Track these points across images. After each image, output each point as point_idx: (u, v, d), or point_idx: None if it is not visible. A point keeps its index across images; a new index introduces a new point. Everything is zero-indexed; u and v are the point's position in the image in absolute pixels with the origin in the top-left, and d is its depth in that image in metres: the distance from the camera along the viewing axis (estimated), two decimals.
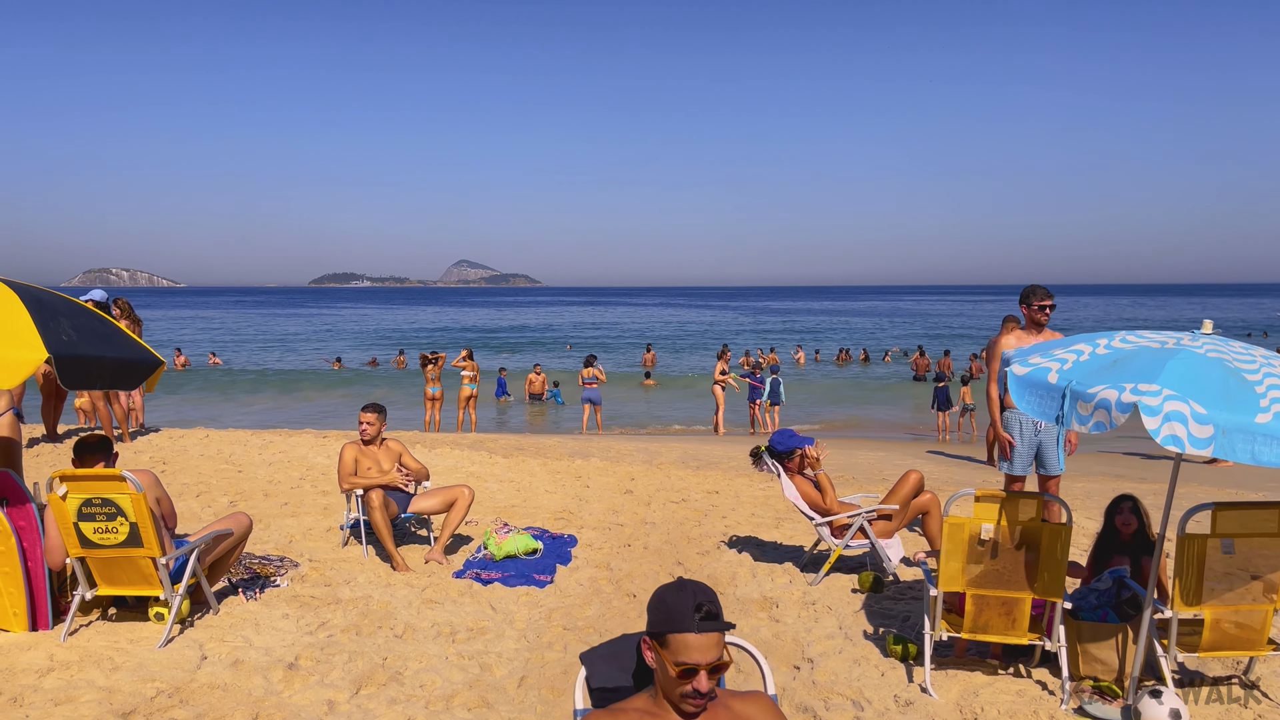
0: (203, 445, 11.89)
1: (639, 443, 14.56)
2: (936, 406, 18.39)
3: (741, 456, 12.80)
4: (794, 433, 6.70)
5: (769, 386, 19.61)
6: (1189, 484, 11.07)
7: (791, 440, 6.61)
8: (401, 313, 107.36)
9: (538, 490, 9.71)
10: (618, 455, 12.53)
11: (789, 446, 6.60)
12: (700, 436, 17.58)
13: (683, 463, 11.99)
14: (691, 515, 8.60)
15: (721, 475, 10.88)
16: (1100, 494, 9.86)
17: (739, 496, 9.53)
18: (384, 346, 50.06)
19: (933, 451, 14.59)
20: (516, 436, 15.10)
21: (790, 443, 6.61)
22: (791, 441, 6.61)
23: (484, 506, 8.76)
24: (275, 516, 8.16)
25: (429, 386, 19.23)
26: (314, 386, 29.60)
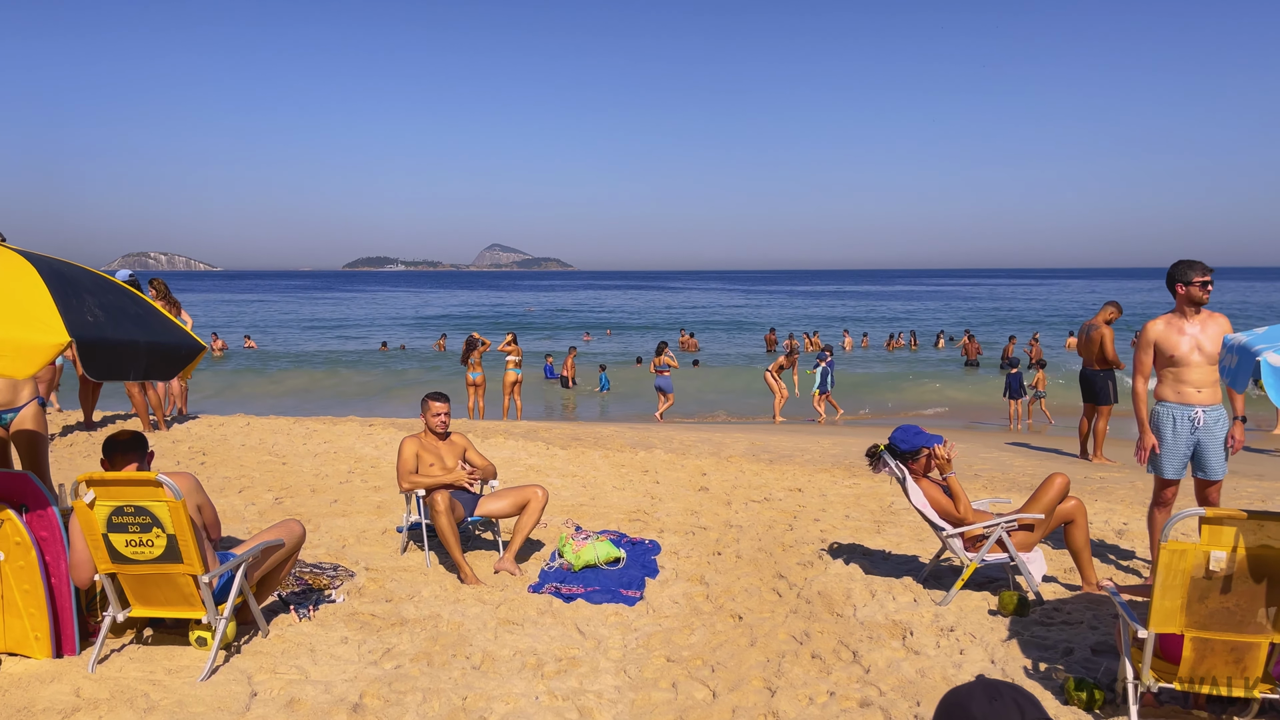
0: (244, 434, 11.24)
1: (700, 433, 13.75)
2: (1009, 394, 17.40)
3: (815, 449, 11.95)
4: (919, 429, 5.83)
5: (819, 375, 18.71)
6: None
7: (917, 438, 5.76)
8: (437, 296, 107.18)
9: (605, 487, 8.93)
10: (681, 446, 11.73)
11: (914, 445, 5.74)
12: (761, 426, 16.72)
13: (753, 455, 11.17)
14: (779, 517, 7.78)
15: (799, 470, 10.05)
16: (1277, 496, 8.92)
17: (826, 495, 8.70)
18: (421, 330, 49.62)
19: (1014, 443, 13.64)
20: (570, 425, 14.35)
21: (915, 441, 5.75)
22: (917, 440, 5.75)
23: (550, 505, 7.99)
24: (325, 516, 7.44)
25: (470, 372, 18.53)
26: (351, 370, 29.07)
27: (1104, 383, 11.38)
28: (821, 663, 4.64)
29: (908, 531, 7.30)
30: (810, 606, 5.47)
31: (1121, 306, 11.58)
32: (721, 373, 28.11)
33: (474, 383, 18.61)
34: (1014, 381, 17.24)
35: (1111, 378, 11.41)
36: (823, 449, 12.00)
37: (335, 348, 37.84)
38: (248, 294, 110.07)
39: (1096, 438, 11.49)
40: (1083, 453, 11.89)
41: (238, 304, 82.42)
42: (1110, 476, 10.14)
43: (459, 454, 6.47)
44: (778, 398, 18.89)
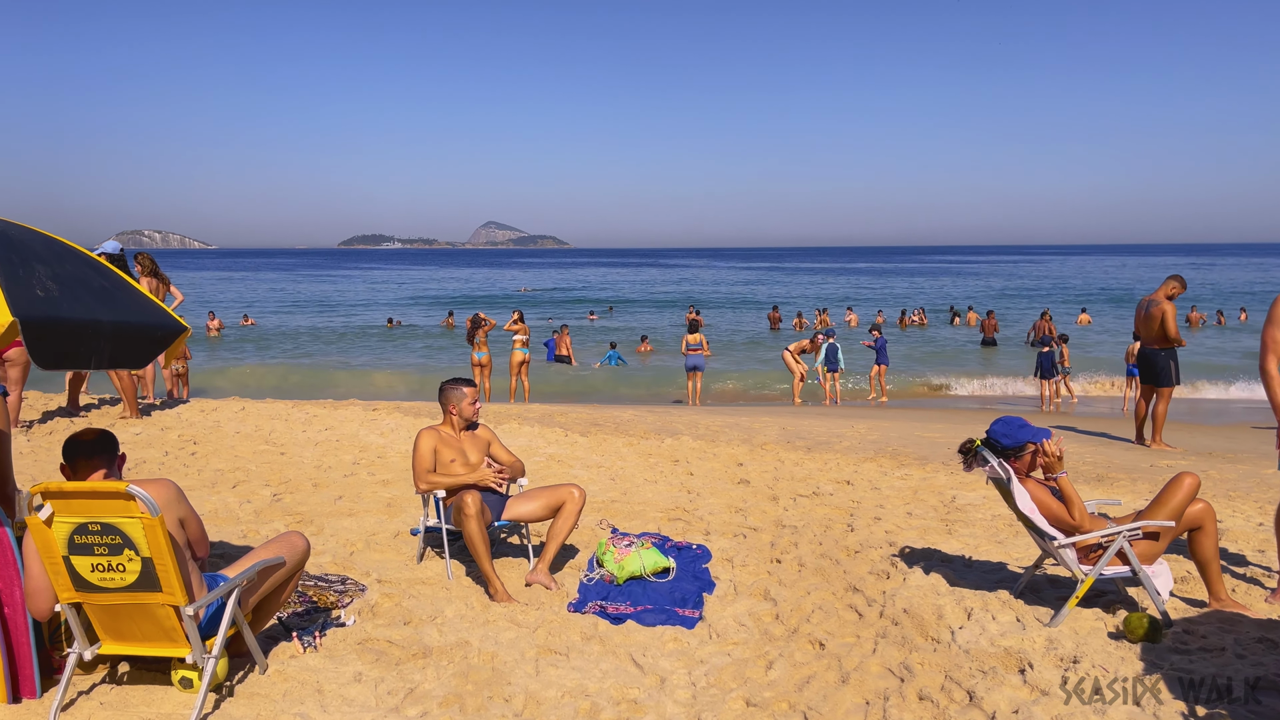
0: (239, 420, 10.43)
1: (725, 416, 12.95)
2: (1040, 373, 16.59)
3: (851, 434, 11.17)
4: (1024, 422, 5.02)
5: (824, 352, 17.84)
6: None
7: (1022, 432, 4.95)
8: (436, 274, 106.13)
9: (636, 479, 8.14)
10: (709, 432, 10.94)
11: (1019, 441, 4.94)
12: (786, 409, 15.91)
13: (786, 442, 10.38)
14: (835, 515, 7.00)
15: (843, 459, 9.26)
16: None
17: (879, 489, 7.91)
18: (421, 308, 48.74)
19: (1060, 426, 12.85)
20: (585, 408, 13.54)
21: (1020, 435, 4.95)
22: (1022, 434, 4.95)
23: None
24: (329, 516, 6.65)
25: (476, 352, 17.71)
26: (352, 349, 28.22)
27: (1165, 363, 10.59)
28: (934, 707, 3.86)
29: (982, 532, 6.52)
30: (899, 629, 4.69)
31: (1185, 281, 10.77)
32: (731, 350, 27.31)
33: (479, 363, 17.80)
34: (1046, 360, 16.44)
35: (1174, 357, 10.62)
36: (859, 434, 11.21)
37: (339, 324, 36.97)
38: (244, 272, 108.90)
39: (1156, 422, 10.71)
40: (1139, 437, 11.12)
41: (234, 282, 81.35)
42: (1177, 465, 9.37)
43: (484, 449, 5.67)
44: (796, 378, 18.13)
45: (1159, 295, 10.63)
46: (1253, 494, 7.83)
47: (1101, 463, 9.54)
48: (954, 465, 9.13)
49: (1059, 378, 16.98)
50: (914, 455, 9.69)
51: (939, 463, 9.25)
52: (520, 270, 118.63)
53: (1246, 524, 6.67)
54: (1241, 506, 7.28)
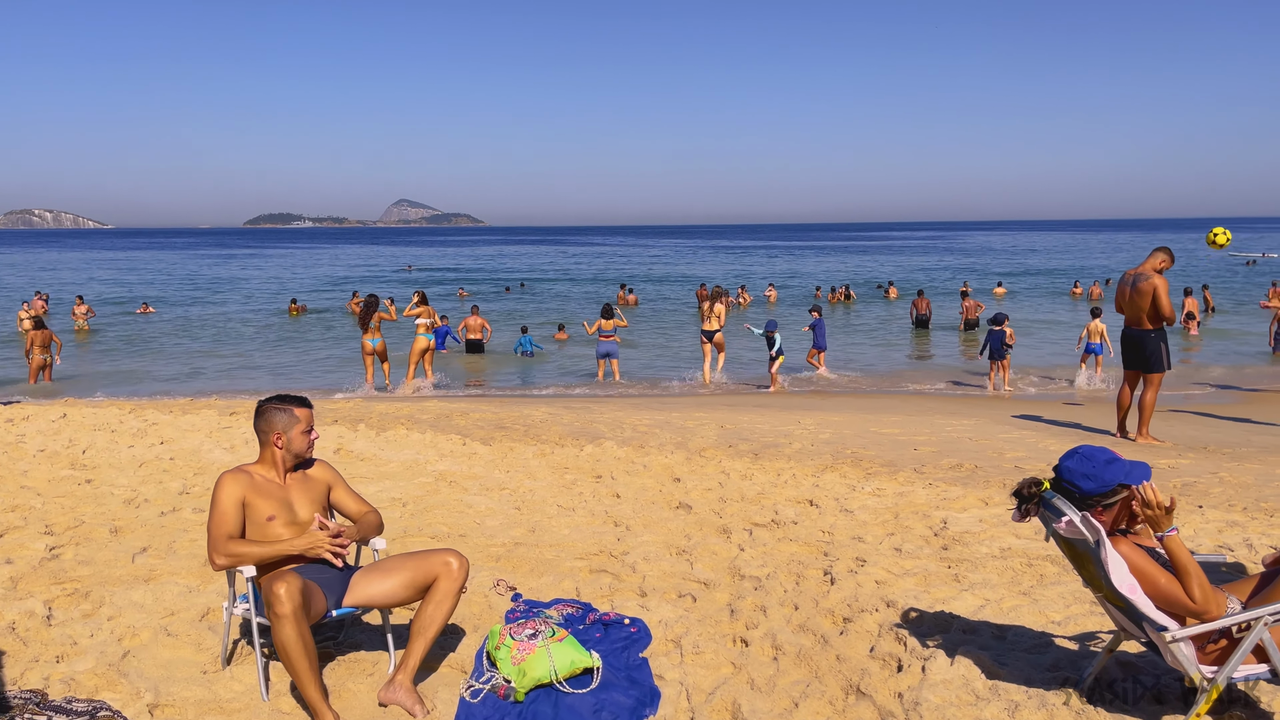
0: (52, 432, 8.37)
1: (653, 411, 11.27)
2: (990, 354, 15.33)
3: (799, 432, 9.62)
4: (1112, 455, 3.42)
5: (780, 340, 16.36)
6: None
7: (1111, 470, 3.36)
8: (343, 252, 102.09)
9: (548, 507, 6.42)
10: (637, 434, 9.27)
11: (1106, 483, 3.34)
12: (722, 399, 14.31)
13: (728, 445, 8.78)
14: (806, 556, 5.40)
15: (798, 468, 7.69)
16: None
17: (850, 511, 6.35)
18: (325, 290, 45.96)
19: (1022, 416, 11.55)
20: (490, 405, 11.72)
21: (1108, 475, 3.35)
22: (1110, 473, 3.35)
23: (473, 550, 5.46)
24: (117, 582, 4.77)
25: (368, 338, 15.74)
26: (240, 339, 25.71)
27: (1155, 345, 9.30)
28: None
29: (997, 577, 5.00)
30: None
31: (1174, 254, 9.48)
32: (658, 331, 25.70)
33: (373, 350, 15.83)
34: (996, 340, 15.17)
35: (1164, 339, 9.33)
36: (809, 433, 9.67)
37: (233, 311, 34.12)
38: (140, 251, 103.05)
39: (1143, 412, 9.43)
40: (1120, 430, 9.83)
41: (129, 264, 76.48)
42: (1179, 466, 8.06)
43: (319, 498, 3.88)
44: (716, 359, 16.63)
45: (1147, 269, 9.33)
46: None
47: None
48: (928, 473, 7.65)
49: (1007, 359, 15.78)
50: (879, 460, 8.19)
51: (910, 470, 7.76)
52: (433, 249, 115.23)
53: None
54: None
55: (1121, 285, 9.53)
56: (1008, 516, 6.30)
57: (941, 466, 7.94)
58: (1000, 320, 15.43)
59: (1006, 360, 15.40)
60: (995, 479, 7.43)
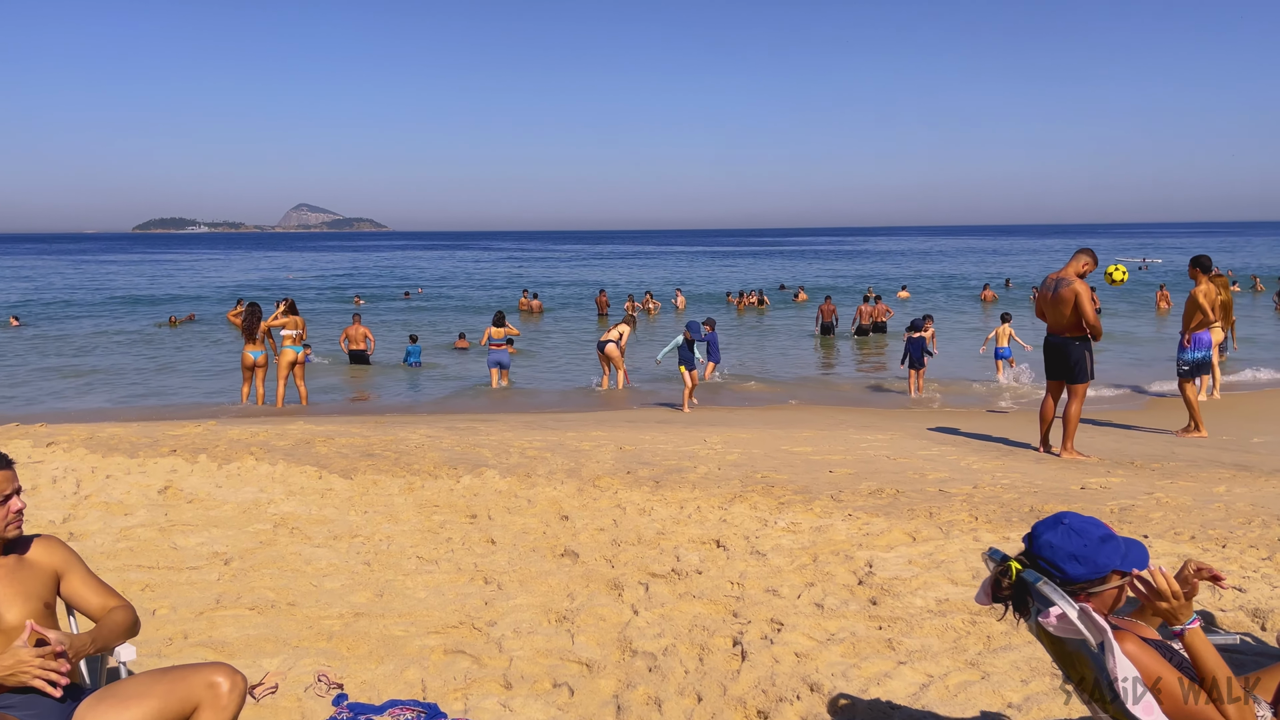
0: None
1: (549, 431, 10.24)
2: (909, 363, 14.76)
3: (705, 453, 8.75)
4: (1105, 529, 2.54)
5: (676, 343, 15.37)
6: None
7: (1104, 552, 2.49)
8: (240, 259, 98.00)
9: (405, 560, 5.36)
10: (524, 460, 8.26)
11: (1097, 569, 2.48)
12: (622, 415, 13.36)
13: (626, 471, 7.85)
14: (711, 619, 4.50)
15: (703, 499, 6.80)
16: None
17: (762, 553, 5.48)
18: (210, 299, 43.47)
19: (939, 429, 10.93)
20: (362, 425, 10.52)
21: (1101, 559, 2.49)
22: (1104, 556, 2.49)
23: (306, 613, 4.38)
24: None
25: (249, 350, 14.39)
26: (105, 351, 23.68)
27: (1079, 354, 8.73)
28: None
29: (939, 642, 4.19)
30: None
31: (1097, 256, 8.95)
32: (560, 338, 24.65)
33: (255, 363, 14.47)
34: (916, 347, 14.61)
35: (1088, 347, 8.78)
36: (716, 453, 8.81)
37: (107, 324, 31.67)
38: (16, 259, 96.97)
39: (1068, 425, 8.85)
40: (1044, 444, 9.25)
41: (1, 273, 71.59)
42: (1111, 485, 7.45)
43: (39, 591, 2.79)
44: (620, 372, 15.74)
45: (1069, 273, 8.76)
46: (1239, 533, 5.90)
47: (1021, 485, 7.50)
48: (847, 500, 6.86)
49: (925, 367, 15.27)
50: (792, 486, 7.36)
51: (827, 497, 6.96)
52: (336, 254, 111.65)
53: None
54: (1254, 561, 5.28)
55: (1042, 291, 8.96)
56: (938, 554, 5.52)
57: (860, 492, 7.15)
58: (920, 326, 14.89)
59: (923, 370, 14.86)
60: (920, 507, 6.67)
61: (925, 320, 15.99)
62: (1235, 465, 8.46)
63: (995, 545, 5.65)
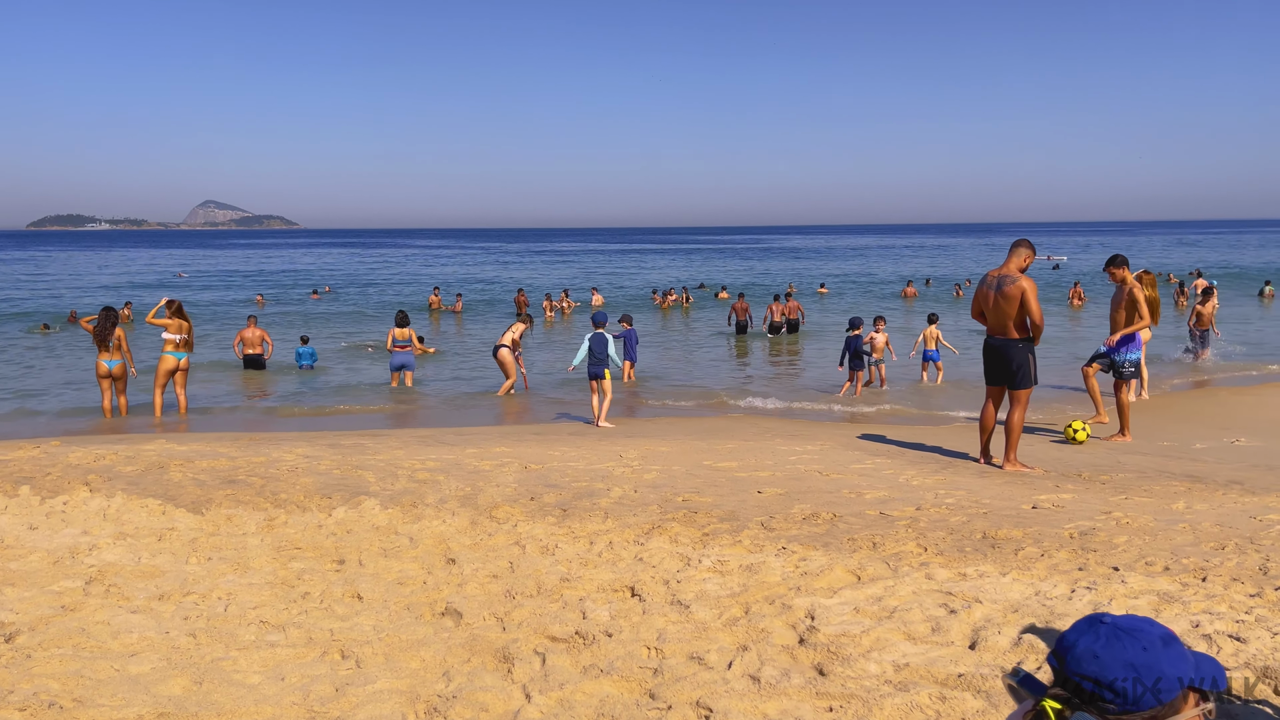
0: None
1: (446, 448, 9.17)
2: (851, 364, 14.01)
3: (620, 471, 7.85)
4: (1166, 631, 1.70)
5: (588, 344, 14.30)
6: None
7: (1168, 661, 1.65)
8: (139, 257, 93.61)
9: (243, 629, 4.29)
10: (413, 484, 7.23)
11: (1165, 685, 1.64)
12: (531, 427, 12.35)
13: (529, 496, 6.89)
14: (624, 702, 3.58)
15: (615, 531, 5.89)
16: None
17: (684, 604, 4.59)
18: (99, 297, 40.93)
19: (870, 437, 10.21)
20: (233, 443, 9.30)
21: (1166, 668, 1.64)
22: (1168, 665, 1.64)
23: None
24: None
25: (104, 359, 12.98)
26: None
27: (1023, 357, 8.10)
28: None
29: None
30: None
31: (1035, 247, 8.32)
32: (471, 340, 23.48)
33: (110, 373, 13.05)
34: (853, 347, 13.88)
35: (1031, 349, 8.14)
36: (633, 471, 7.92)
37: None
38: None
39: (1010, 435, 8.20)
40: (984, 454, 8.60)
41: None
42: (1064, 504, 6.78)
43: None
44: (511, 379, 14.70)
45: (1011, 269, 8.11)
46: (1216, 562, 5.24)
47: (968, 505, 6.78)
48: (779, 528, 6.04)
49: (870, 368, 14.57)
50: (718, 511, 6.51)
51: (757, 525, 6.13)
52: (242, 252, 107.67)
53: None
54: (1242, 599, 4.60)
55: (983, 289, 8.29)
56: (889, 599, 4.72)
57: (793, 518, 6.34)
58: (857, 324, 14.20)
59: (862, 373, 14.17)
60: (861, 535, 5.88)
61: (877, 322, 15.28)
62: (1186, 476, 7.92)
63: (949, 580, 4.89)
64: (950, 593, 4.79)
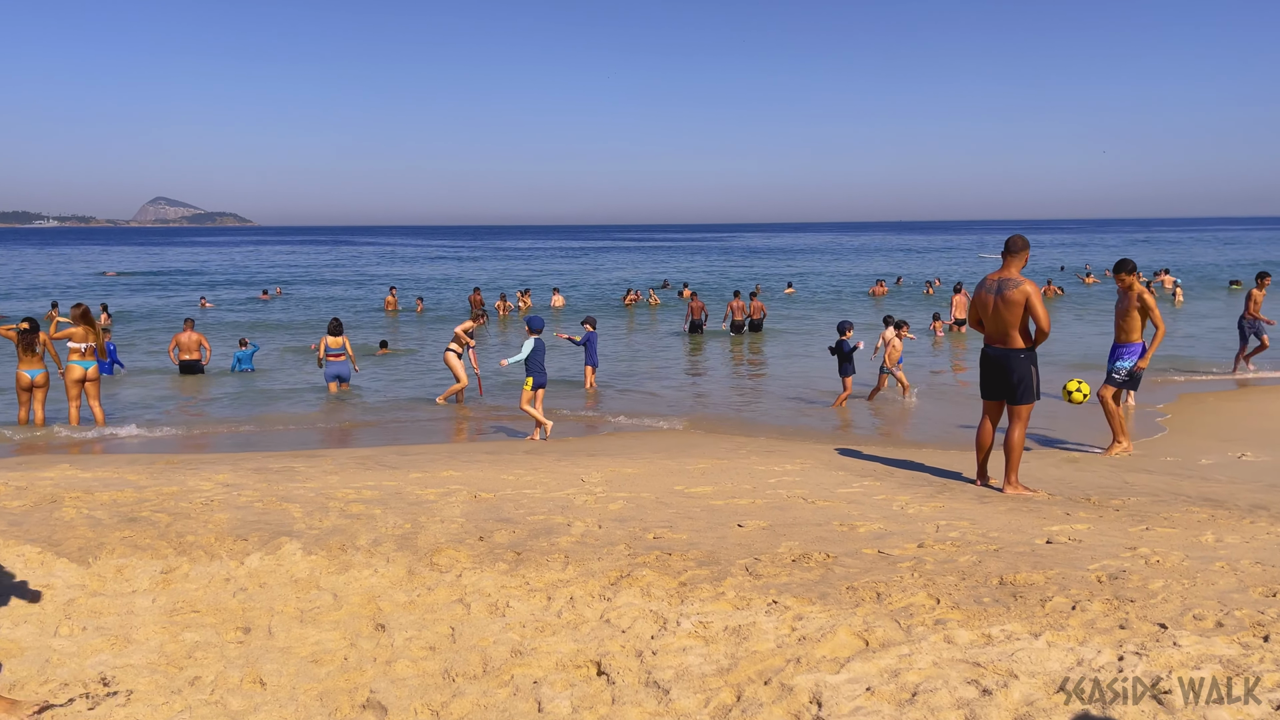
0: None
1: (387, 472, 8.22)
2: (841, 370, 13.18)
3: (582, 501, 6.99)
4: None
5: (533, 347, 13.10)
6: None
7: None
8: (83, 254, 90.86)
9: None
10: (344, 520, 6.30)
11: None
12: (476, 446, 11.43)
13: (477, 533, 6.01)
14: None
15: (576, 584, 5.03)
16: None
17: (662, 688, 3.76)
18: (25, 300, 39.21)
19: (851, 453, 9.44)
20: (143, 470, 8.25)
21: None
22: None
23: None
24: None
25: (23, 369, 11.93)
26: None
27: (1025, 369, 7.37)
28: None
29: None
30: None
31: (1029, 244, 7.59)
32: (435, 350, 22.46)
33: (32, 384, 12.00)
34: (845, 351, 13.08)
35: (1034, 360, 7.42)
36: (596, 501, 7.05)
37: None
38: None
39: (1011, 455, 7.47)
40: (980, 476, 7.86)
41: None
42: (1081, 536, 6.04)
43: None
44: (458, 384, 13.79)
45: (1012, 272, 7.38)
46: (1273, 615, 4.52)
47: (974, 539, 6.02)
48: (766, 573, 5.23)
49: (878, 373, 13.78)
50: (695, 551, 5.68)
51: (741, 571, 5.31)
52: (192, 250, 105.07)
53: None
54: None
55: (981, 294, 7.55)
56: (906, 673, 3.93)
57: (781, 559, 5.54)
58: (846, 328, 13.38)
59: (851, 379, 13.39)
60: (861, 582, 5.08)
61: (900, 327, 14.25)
62: (1205, 500, 7.23)
63: (973, 644, 4.12)
64: (978, 663, 4.00)
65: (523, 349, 10.96)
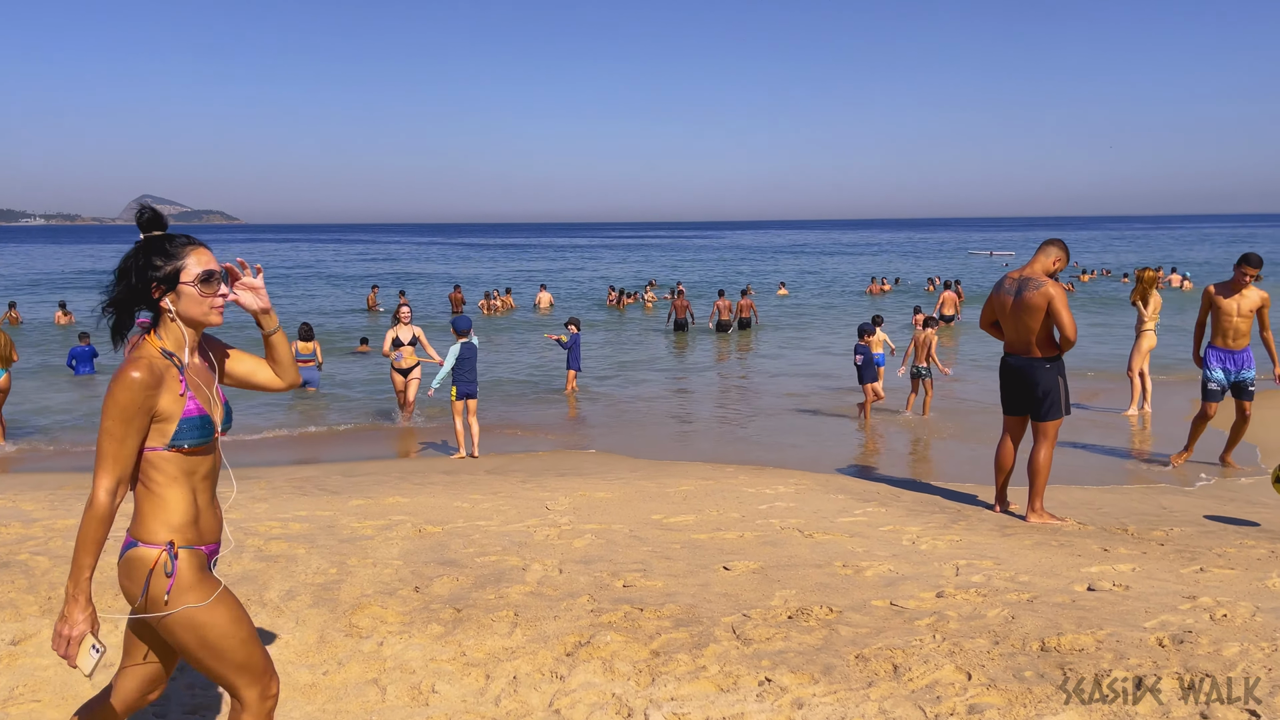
0: None
1: (324, 499, 7.21)
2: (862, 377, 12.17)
3: (542, 534, 6.03)
4: None
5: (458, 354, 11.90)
6: None
7: None
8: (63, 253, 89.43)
9: None
10: (261, 560, 5.33)
11: None
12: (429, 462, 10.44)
13: (412, 582, 5.04)
14: None
15: (526, 648, 4.08)
16: None
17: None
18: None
19: (852, 472, 8.51)
20: (49, 495, 7.26)
21: None
22: None
23: None
24: None
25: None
26: None
27: (1051, 381, 6.45)
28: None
29: None
30: None
31: (1069, 250, 6.67)
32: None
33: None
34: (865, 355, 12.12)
35: (1062, 371, 6.50)
36: (559, 535, 6.08)
37: None
38: None
39: (1036, 479, 6.55)
40: (999, 500, 6.94)
41: None
42: (1127, 580, 5.12)
43: None
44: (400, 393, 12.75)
45: (1036, 271, 6.47)
46: None
47: (1003, 587, 5.09)
48: (758, 638, 4.30)
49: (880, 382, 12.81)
50: (670, 606, 4.73)
51: (727, 636, 4.36)
52: None
53: None
54: None
55: (999, 295, 6.63)
56: None
57: (774, 616, 4.60)
58: (867, 331, 12.36)
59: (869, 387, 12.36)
60: (874, 648, 4.15)
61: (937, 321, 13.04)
62: (1260, 533, 6.32)
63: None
64: None
65: (447, 358, 9.92)
